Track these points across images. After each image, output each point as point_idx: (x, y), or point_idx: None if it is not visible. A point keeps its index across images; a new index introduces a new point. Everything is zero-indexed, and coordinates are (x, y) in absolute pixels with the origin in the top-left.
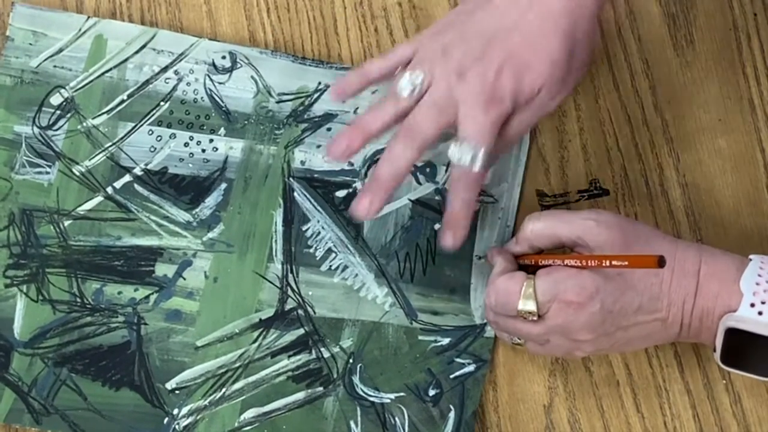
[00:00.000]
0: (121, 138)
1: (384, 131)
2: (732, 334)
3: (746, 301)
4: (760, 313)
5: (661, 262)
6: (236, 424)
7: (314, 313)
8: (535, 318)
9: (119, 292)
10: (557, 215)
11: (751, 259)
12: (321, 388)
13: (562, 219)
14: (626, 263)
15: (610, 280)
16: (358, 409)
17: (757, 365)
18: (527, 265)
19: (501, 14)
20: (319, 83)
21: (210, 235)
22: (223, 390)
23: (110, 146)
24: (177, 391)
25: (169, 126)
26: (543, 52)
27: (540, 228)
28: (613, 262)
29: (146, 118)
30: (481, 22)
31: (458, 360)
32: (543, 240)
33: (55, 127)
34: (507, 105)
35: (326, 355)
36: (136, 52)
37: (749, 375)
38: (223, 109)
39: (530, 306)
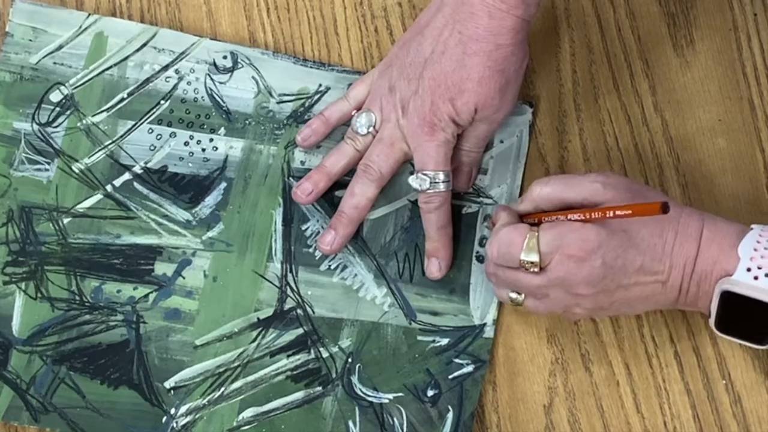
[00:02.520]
0: (121, 136)
1: (346, 171)
2: (728, 301)
3: (743, 265)
4: (755, 278)
5: (665, 207)
6: (235, 424)
7: (313, 312)
8: (536, 269)
9: (118, 291)
10: (564, 179)
11: (752, 228)
12: (320, 388)
13: (569, 183)
14: (630, 212)
15: (613, 235)
16: (357, 409)
17: (752, 333)
18: (531, 223)
19: (430, 43)
20: (320, 85)
21: (209, 234)
22: (222, 389)
23: (110, 144)
24: (175, 390)
25: (169, 125)
26: (470, 73)
27: (547, 192)
28: (617, 212)
29: (146, 117)
30: (415, 53)
31: (457, 360)
32: (549, 203)
33: (55, 124)
34: (450, 129)
35: (325, 354)
36: (137, 50)
37: (743, 342)
38: (224, 108)
39: (533, 256)
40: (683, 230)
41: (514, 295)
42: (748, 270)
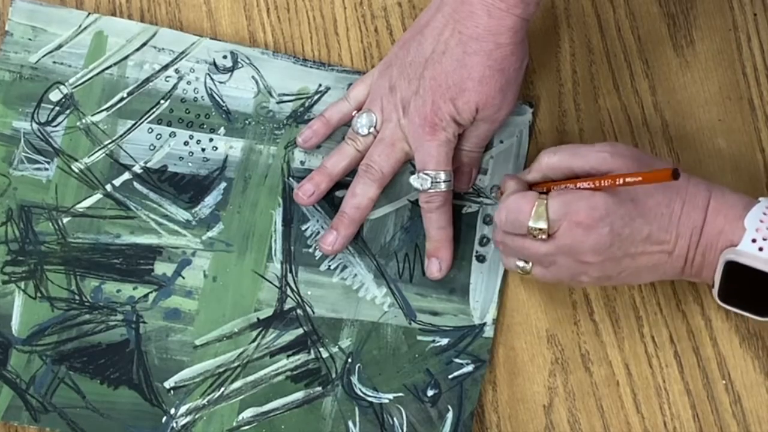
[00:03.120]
0: (121, 135)
1: (347, 171)
2: (731, 272)
3: (748, 236)
4: (760, 249)
5: (675, 174)
6: (234, 424)
7: (313, 312)
8: (544, 236)
9: (118, 290)
10: (572, 148)
11: (759, 201)
12: (319, 388)
13: (577, 152)
14: (640, 179)
15: (621, 204)
16: (357, 409)
17: (755, 304)
18: (540, 192)
19: (430, 43)
20: (320, 85)
21: (209, 234)
22: (222, 389)
23: (110, 143)
24: (175, 390)
25: (169, 124)
26: (470, 72)
27: (555, 161)
28: (627, 179)
29: (146, 116)
30: (415, 52)
31: (457, 360)
32: (557, 172)
33: (54, 124)
34: (451, 128)
35: (325, 355)
36: (137, 50)
37: (746, 314)
38: (224, 108)
39: (541, 223)
40: (690, 200)
41: (521, 264)
42: (753, 241)
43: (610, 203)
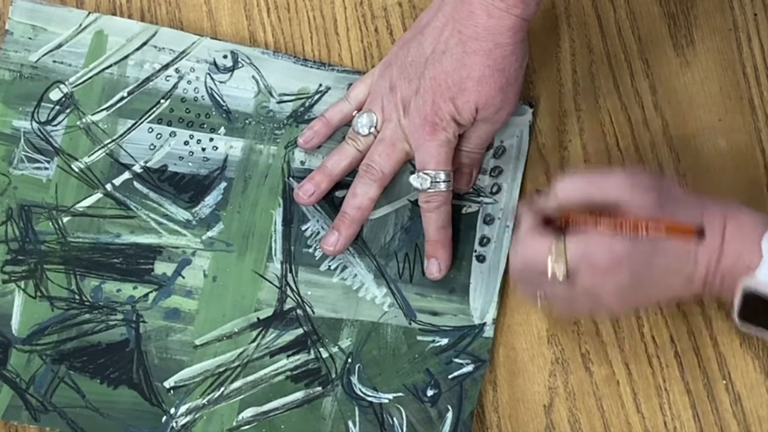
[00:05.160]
0: (121, 135)
1: (348, 171)
2: (752, 297)
3: (765, 263)
4: None
5: (700, 233)
6: (234, 423)
7: (313, 312)
8: (562, 279)
9: (118, 290)
10: (589, 179)
11: None
12: (319, 388)
13: (595, 183)
14: (663, 233)
15: (639, 243)
16: (357, 409)
17: None
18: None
19: (430, 43)
20: (320, 85)
21: (209, 233)
22: (222, 389)
23: (110, 143)
24: (175, 390)
25: (169, 124)
26: (470, 72)
27: (571, 192)
28: (650, 230)
29: (146, 116)
30: (416, 52)
31: (457, 360)
32: (574, 204)
33: (54, 123)
34: (451, 128)
35: (325, 355)
36: (137, 49)
37: (765, 333)
38: (224, 108)
39: (559, 267)
40: (707, 227)
41: (540, 299)
42: None
43: (629, 245)
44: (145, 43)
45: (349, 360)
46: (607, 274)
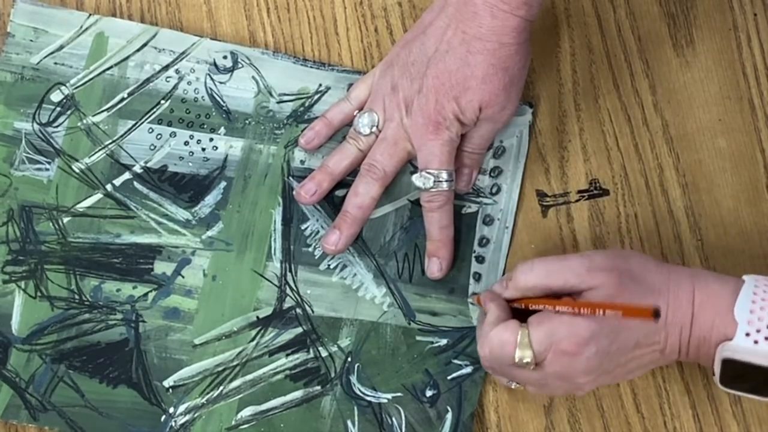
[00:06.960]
0: (121, 136)
1: (349, 171)
2: (731, 364)
3: (741, 330)
4: (756, 342)
5: (656, 314)
6: (233, 423)
7: (312, 312)
8: (532, 367)
9: (118, 290)
10: (547, 265)
11: (744, 281)
12: (318, 387)
13: (553, 270)
14: (620, 313)
15: (604, 322)
16: (356, 408)
17: (758, 386)
18: (518, 309)
19: (433, 42)
20: (320, 85)
21: (209, 233)
22: (221, 388)
23: (110, 144)
24: (174, 389)
25: (169, 124)
26: (473, 71)
27: (532, 280)
28: (607, 312)
29: (146, 116)
30: (418, 51)
31: (456, 361)
32: (535, 291)
33: (55, 124)
34: (455, 128)
35: (324, 354)
36: (138, 50)
37: (750, 396)
38: (224, 108)
39: (527, 357)
40: (674, 299)
41: (513, 385)
42: (747, 335)
43: (593, 325)
44: (145, 45)
45: (349, 359)
46: (575, 356)
